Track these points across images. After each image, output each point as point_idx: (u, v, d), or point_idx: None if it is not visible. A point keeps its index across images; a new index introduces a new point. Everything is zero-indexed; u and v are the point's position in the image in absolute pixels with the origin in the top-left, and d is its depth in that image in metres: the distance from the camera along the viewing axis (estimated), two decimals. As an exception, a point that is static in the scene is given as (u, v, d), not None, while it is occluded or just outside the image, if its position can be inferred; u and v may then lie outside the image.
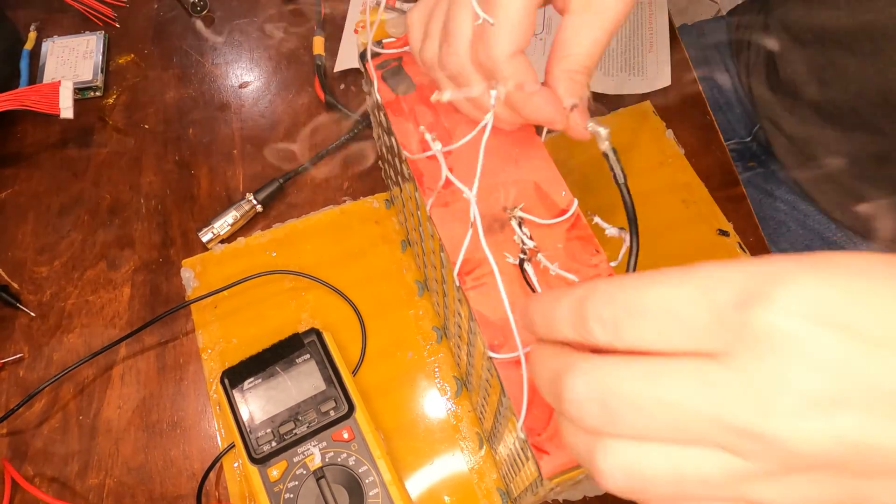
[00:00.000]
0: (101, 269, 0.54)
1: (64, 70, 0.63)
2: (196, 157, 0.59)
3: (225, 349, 0.50)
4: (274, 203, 0.56)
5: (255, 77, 0.64)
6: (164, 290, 0.53)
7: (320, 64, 0.62)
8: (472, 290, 0.32)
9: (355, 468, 0.42)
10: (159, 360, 0.50)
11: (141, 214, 0.56)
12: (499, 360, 0.31)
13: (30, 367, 0.50)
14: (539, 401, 0.30)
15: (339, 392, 0.44)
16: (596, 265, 0.33)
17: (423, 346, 0.49)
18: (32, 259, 0.55)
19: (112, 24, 0.67)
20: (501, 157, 0.36)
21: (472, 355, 0.38)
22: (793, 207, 0.64)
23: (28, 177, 0.59)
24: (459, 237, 0.33)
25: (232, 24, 0.67)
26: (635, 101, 0.60)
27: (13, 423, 0.48)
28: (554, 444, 0.29)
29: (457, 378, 0.48)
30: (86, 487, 0.46)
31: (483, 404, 0.41)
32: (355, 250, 0.53)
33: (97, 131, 0.61)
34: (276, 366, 0.45)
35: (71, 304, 0.53)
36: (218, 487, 0.46)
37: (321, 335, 0.47)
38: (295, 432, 0.43)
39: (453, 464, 0.45)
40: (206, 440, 0.47)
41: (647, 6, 0.65)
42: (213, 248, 0.54)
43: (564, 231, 0.34)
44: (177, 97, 0.63)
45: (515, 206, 0.34)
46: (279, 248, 0.53)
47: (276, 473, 0.42)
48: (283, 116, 0.61)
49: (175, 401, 0.49)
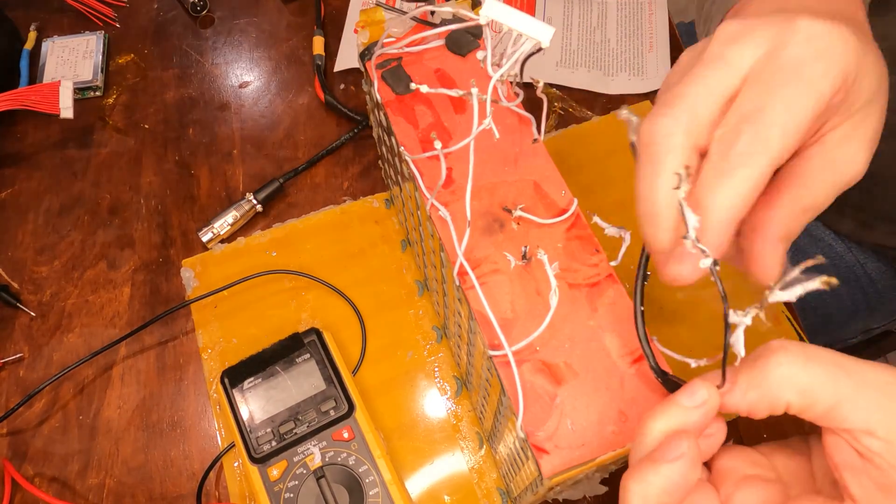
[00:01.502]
0: (101, 269, 0.54)
1: (64, 70, 0.63)
2: (196, 157, 0.59)
3: (225, 349, 0.50)
4: (274, 203, 0.56)
5: (255, 77, 0.64)
6: (164, 290, 0.53)
7: (320, 64, 0.62)
8: (471, 290, 0.32)
9: (355, 468, 0.42)
10: (159, 359, 0.50)
11: (141, 214, 0.56)
12: (499, 360, 0.31)
13: (30, 367, 0.50)
14: (539, 400, 0.30)
15: (339, 392, 0.44)
16: (596, 265, 0.33)
17: (423, 345, 0.49)
18: (32, 259, 0.55)
19: (112, 24, 0.67)
20: (501, 156, 0.36)
21: (472, 355, 0.38)
22: None
23: (28, 177, 0.59)
24: (459, 237, 0.33)
25: (232, 24, 0.67)
26: (635, 101, 0.60)
27: (13, 422, 0.48)
28: (554, 444, 0.29)
29: (457, 378, 0.48)
30: (86, 487, 0.46)
31: (483, 404, 0.41)
32: (355, 250, 0.53)
33: (97, 131, 0.61)
34: (276, 365, 0.46)
35: (71, 304, 0.53)
36: (218, 487, 0.46)
37: (321, 335, 0.47)
38: (295, 432, 0.43)
39: (453, 463, 0.45)
40: (206, 440, 0.47)
41: (647, 6, 0.66)
42: (213, 247, 0.54)
43: (564, 231, 0.34)
44: (176, 97, 0.63)
45: (515, 205, 0.34)
46: (279, 247, 0.54)
47: (276, 473, 0.42)
48: (283, 116, 0.61)
49: (175, 401, 0.49)
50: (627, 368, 0.30)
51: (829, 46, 0.25)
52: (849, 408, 0.24)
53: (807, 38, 0.25)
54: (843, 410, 0.24)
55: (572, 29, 0.64)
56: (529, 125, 0.37)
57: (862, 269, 0.62)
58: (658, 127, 0.26)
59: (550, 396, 0.30)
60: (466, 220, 0.33)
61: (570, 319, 0.32)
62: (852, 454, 0.24)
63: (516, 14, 0.29)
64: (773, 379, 0.25)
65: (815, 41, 0.25)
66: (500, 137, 0.36)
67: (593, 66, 0.62)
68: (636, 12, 0.65)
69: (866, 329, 0.67)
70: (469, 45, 0.39)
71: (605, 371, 0.30)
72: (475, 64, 0.39)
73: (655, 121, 0.26)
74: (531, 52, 0.30)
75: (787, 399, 0.24)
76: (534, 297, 0.32)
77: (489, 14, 0.29)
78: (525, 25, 0.29)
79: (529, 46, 0.30)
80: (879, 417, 0.23)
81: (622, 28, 0.64)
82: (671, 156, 0.26)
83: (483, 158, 0.36)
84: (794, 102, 0.24)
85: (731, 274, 0.31)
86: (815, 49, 0.25)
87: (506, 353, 0.30)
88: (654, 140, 0.26)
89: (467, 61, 0.39)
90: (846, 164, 0.27)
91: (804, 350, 0.25)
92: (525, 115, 0.37)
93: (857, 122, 0.27)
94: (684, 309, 0.49)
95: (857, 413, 0.24)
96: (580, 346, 0.31)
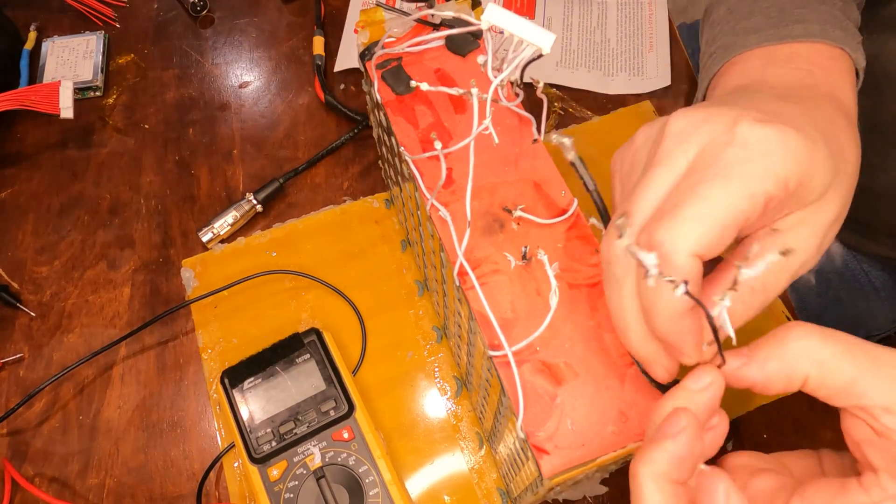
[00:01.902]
0: (101, 269, 0.54)
1: (64, 70, 0.63)
2: (196, 157, 0.59)
3: (225, 349, 0.50)
4: (274, 203, 0.56)
5: (255, 77, 0.64)
6: (164, 290, 0.53)
7: (320, 64, 0.62)
8: (471, 290, 0.32)
9: (355, 468, 0.42)
10: (159, 360, 0.50)
11: (141, 214, 0.56)
12: (499, 360, 0.31)
13: (30, 367, 0.50)
14: (539, 400, 0.30)
15: (339, 392, 0.44)
16: (596, 265, 0.33)
17: (423, 346, 0.49)
18: (32, 259, 0.55)
19: (112, 24, 0.67)
20: (501, 156, 0.36)
21: (472, 355, 0.38)
22: None
23: (28, 177, 0.59)
24: (459, 237, 0.33)
25: (232, 24, 0.67)
26: (635, 101, 0.60)
27: (13, 423, 0.48)
28: (554, 444, 0.29)
29: (457, 378, 0.48)
30: (86, 487, 0.46)
31: (483, 404, 0.41)
32: (355, 250, 0.53)
33: (97, 131, 0.61)
34: (276, 366, 0.46)
35: (71, 304, 0.53)
36: (218, 487, 0.46)
37: (321, 335, 0.47)
38: (295, 432, 0.43)
39: (453, 464, 0.45)
40: (206, 440, 0.47)
41: (647, 6, 0.66)
42: (213, 248, 0.54)
43: (564, 231, 0.34)
44: (177, 97, 0.63)
45: (515, 206, 0.34)
46: (279, 247, 0.54)
47: (276, 473, 0.42)
48: (283, 116, 0.61)
49: (175, 401, 0.49)
50: (627, 368, 0.30)
51: (764, 153, 0.25)
52: (866, 384, 0.24)
53: (742, 143, 0.25)
54: (861, 386, 0.24)
55: (572, 29, 0.64)
56: (529, 125, 0.37)
57: (865, 276, 0.62)
58: (613, 248, 0.27)
59: (550, 396, 0.30)
60: (466, 221, 0.33)
61: (570, 319, 0.32)
62: (871, 432, 0.25)
63: (517, 20, 0.29)
64: (793, 351, 0.25)
65: (750, 147, 0.25)
66: (500, 137, 0.36)
67: (593, 66, 0.62)
68: (636, 12, 0.65)
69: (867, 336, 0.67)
70: (469, 46, 0.39)
71: (605, 371, 0.30)
72: (475, 64, 0.39)
73: (610, 240, 0.27)
74: (532, 59, 0.30)
75: (806, 371, 0.25)
76: (534, 297, 0.32)
77: (490, 19, 0.29)
78: (526, 31, 0.29)
79: (530, 52, 0.30)
80: None
81: (622, 28, 0.64)
82: (629, 277, 0.27)
83: (483, 159, 0.36)
84: (710, 197, 0.24)
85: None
86: (748, 155, 0.25)
87: (506, 353, 0.30)
88: (611, 260, 0.27)
89: (467, 61, 0.39)
90: (800, 246, 0.27)
91: (822, 329, 0.25)
92: (525, 115, 0.37)
93: (812, 210, 0.27)
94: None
95: (875, 390, 0.24)
96: (580, 346, 0.31)
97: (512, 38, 0.29)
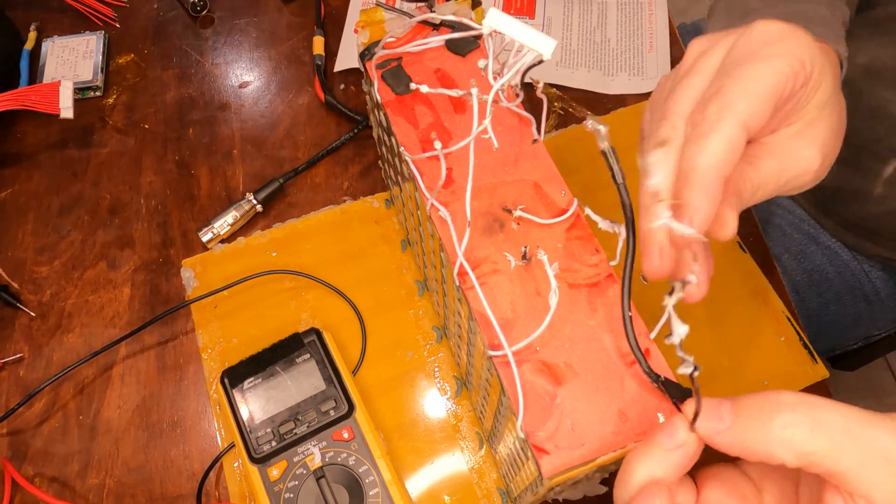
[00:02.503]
0: (101, 269, 0.54)
1: (64, 70, 0.63)
2: (196, 157, 0.59)
3: (225, 349, 0.50)
4: (274, 203, 0.56)
5: (255, 77, 0.64)
6: (164, 290, 0.53)
7: (320, 64, 0.62)
8: (471, 290, 0.32)
9: (355, 468, 0.42)
10: (159, 359, 0.50)
11: (141, 214, 0.57)
12: (499, 360, 0.31)
13: (30, 367, 0.50)
14: (539, 400, 0.30)
15: (339, 392, 0.44)
16: (596, 265, 0.33)
17: (423, 345, 0.49)
18: (32, 259, 0.55)
19: (112, 24, 0.67)
20: (501, 157, 0.36)
21: (472, 355, 0.38)
22: (788, 211, 0.65)
23: (28, 177, 0.59)
24: (459, 237, 0.33)
25: (232, 24, 0.67)
26: (635, 101, 0.60)
27: (13, 423, 0.48)
28: (554, 444, 0.29)
29: (457, 378, 0.48)
30: (86, 487, 0.46)
31: (483, 404, 0.41)
32: (355, 250, 0.53)
33: (97, 131, 0.61)
34: (276, 366, 0.46)
35: (71, 304, 0.53)
36: (218, 487, 0.46)
37: (321, 335, 0.47)
38: (295, 432, 0.43)
39: (453, 463, 0.45)
40: (206, 440, 0.47)
41: (647, 6, 0.66)
42: (213, 247, 0.54)
43: (564, 231, 0.34)
44: (176, 97, 0.63)
45: (515, 206, 0.34)
46: (279, 247, 0.54)
47: (276, 473, 0.42)
48: (283, 116, 0.61)
49: (175, 401, 0.49)
50: (627, 368, 0.30)
51: (783, 37, 0.29)
52: (851, 477, 0.23)
53: (761, 33, 0.30)
54: (845, 479, 0.23)
55: (572, 29, 0.64)
56: (529, 125, 0.37)
57: (867, 276, 0.62)
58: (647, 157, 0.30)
59: (550, 396, 0.30)
60: (466, 221, 0.33)
61: (570, 319, 0.32)
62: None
63: (518, 25, 0.29)
64: (775, 438, 0.24)
65: (769, 34, 0.29)
66: (500, 138, 0.36)
67: (593, 66, 0.62)
68: (636, 12, 0.65)
69: (868, 336, 0.67)
70: (469, 46, 0.39)
71: (605, 371, 0.30)
72: (475, 64, 0.39)
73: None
74: (532, 64, 0.30)
75: (785, 459, 0.24)
76: (534, 297, 0.32)
77: (492, 24, 0.29)
78: (527, 37, 0.29)
79: (531, 58, 0.30)
80: (883, 490, 0.23)
81: (622, 28, 0.64)
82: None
83: (483, 158, 0.36)
84: (751, 74, 0.28)
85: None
86: (769, 39, 0.29)
87: (506, 353, 0.30)
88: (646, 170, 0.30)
89: (467, 61, 0.39)
90: (794, 157, 0.30)
91: (812, 413, 0.24)
92: (525, 115, 0.37)
93: (809, 121, 0.30)
94: (679, 311, 0.49)
95: (860, 484, 0.23)
96: (580, 346, 0.31)
97: (513, 42, 0.29)
